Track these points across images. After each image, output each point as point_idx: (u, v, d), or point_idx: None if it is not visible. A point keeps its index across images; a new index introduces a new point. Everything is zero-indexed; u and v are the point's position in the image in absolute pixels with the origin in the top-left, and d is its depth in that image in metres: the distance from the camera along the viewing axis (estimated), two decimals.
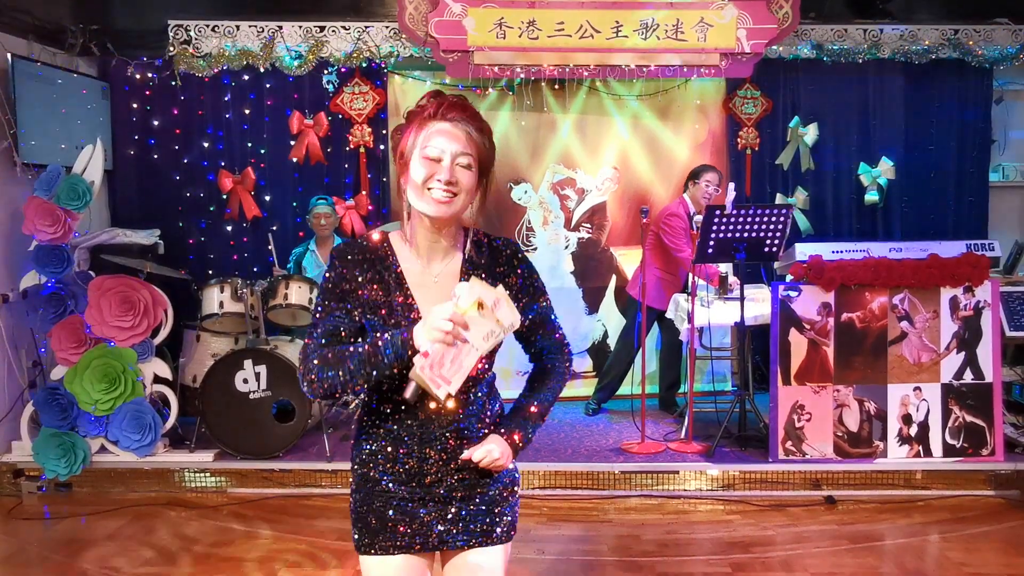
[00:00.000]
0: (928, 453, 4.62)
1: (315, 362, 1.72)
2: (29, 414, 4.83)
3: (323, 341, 1.76)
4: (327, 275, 1.80)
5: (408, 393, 1.61)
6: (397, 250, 1.82)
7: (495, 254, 1.86)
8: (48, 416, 4.69)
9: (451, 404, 1.71)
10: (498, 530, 1.87)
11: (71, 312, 4.79)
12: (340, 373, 1.69)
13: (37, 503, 4.71)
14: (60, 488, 4.83)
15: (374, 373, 1.67)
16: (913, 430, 4.61)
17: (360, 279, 1.78)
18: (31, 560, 3.92)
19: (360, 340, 1.77)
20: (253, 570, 3.74)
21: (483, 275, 1.76)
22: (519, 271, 1.87)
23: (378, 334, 1.71)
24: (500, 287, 1.67)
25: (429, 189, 1.72)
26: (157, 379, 4.88)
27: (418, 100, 1.79)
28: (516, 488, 1.93)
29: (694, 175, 5.50)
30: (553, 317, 1.95)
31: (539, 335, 1.94)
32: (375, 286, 1.78)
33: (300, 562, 3.82)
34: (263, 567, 3.76)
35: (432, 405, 1.77)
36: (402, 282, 1.79)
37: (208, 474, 4.84)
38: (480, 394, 1.86)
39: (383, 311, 1.78)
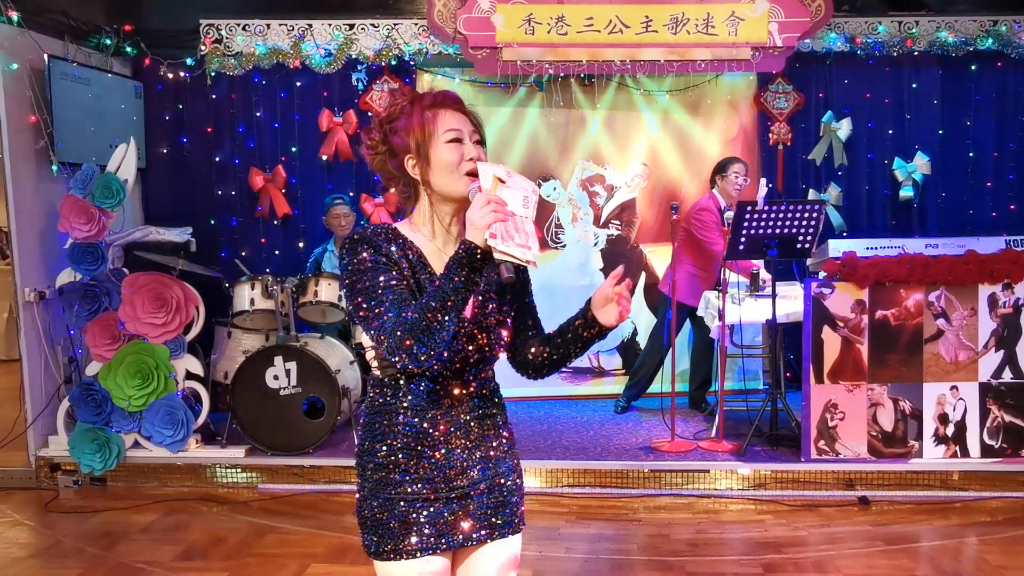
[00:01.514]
0: (965, 453, 4.53)
1: (399, 332, 1.63)
2: (65, 409, 4.91)
3: (397, 311, 1.66)
4: (362, 256, 1.72)
5: (505, 273, 1.63)
6: (407, 235, 1.81)
7: None
8: (83, 411, 4.76)
9: (534, 264, 1.68)
10: (515, 520, 1.90)
11: (105, 309, 4.86)
12: (431, 318, 1.61)
13: (73, 497, 4.79)
14: (95, 483, 4.91)
15: (460, 299, 1.62)
16: (950, 430, 4.53)
17: (394, 255, 1.75)
18: (67, 553, 3.99)
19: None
20: (284, 565, 3.77)
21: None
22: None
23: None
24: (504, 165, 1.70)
25: (460, 168, 1.74)
26: (189, 375, 4.94)
27: (392, 103, 1.83)
28: (522, 474, 1.97)
29: (721, 168, 5.43)
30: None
31: (533, 319, 1.97)
32: (404, 263, 1.76)
33: (330, 557, 3.84)
34: (294, 562, 3.79)
35: (455, 392, 1.80)
36: (425, 262, 1.78)
37: (239, 470, 4.88)
38: (495, 385, 1.92)
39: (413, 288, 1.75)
